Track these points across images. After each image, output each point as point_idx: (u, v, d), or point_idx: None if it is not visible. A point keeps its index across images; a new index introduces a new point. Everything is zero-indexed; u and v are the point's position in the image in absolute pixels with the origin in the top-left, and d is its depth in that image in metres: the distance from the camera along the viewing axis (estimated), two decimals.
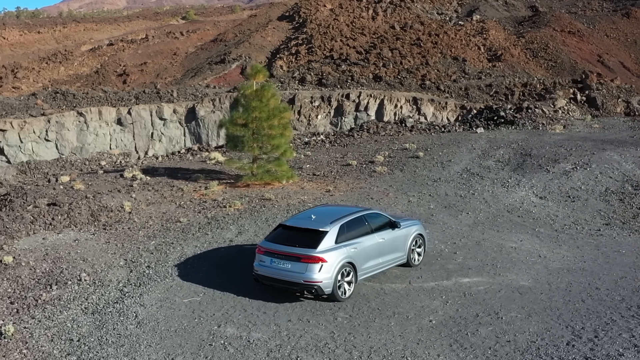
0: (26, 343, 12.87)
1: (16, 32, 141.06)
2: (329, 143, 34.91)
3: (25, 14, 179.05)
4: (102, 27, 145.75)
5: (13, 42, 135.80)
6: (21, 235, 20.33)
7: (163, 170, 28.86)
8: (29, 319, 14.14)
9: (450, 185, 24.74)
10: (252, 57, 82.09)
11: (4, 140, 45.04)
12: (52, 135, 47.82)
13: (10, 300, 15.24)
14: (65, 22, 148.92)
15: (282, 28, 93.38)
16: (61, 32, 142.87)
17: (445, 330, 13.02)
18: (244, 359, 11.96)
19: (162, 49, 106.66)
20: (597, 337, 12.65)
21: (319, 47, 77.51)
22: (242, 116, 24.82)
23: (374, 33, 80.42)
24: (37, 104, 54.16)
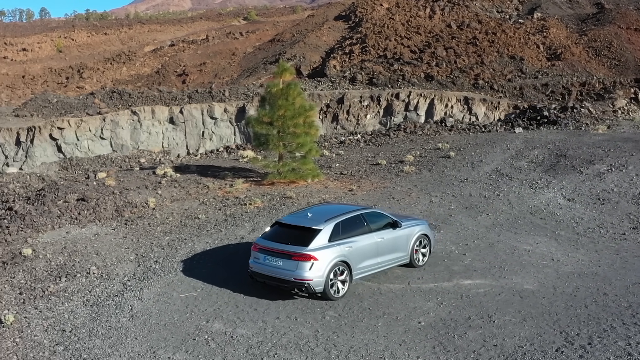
0: (21, 332, 13.33)
1: (84, 34, 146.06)
2: (364, 142, 34.78)
3: (94, 16, 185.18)
4: (165, 29, 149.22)
5: (81, 43, 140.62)
6: (47, 229, 21.05)
7: (195, 167, 29.35)
8: (32, 309, 14.63)
9: (476, 185, 24.26)
10: (307, 57, 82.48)
11: (62, 138, 46.58)
12: (107, 134, 49.18)
13: (19, 291, 15.81)
14: (131, 24, 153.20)
15: (338, 28, 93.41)
16: (126, 34, 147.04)
17: (432, 332, 12.80)
18: (223, 354, 12.06)
19: (221, 50, 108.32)
20: (591, 344, 12.19)
21: (372, 47, 77.26)
22: (267, 114, 25.01)
23: (430, 32, 79.65)
24: (94, 103, 55.92)
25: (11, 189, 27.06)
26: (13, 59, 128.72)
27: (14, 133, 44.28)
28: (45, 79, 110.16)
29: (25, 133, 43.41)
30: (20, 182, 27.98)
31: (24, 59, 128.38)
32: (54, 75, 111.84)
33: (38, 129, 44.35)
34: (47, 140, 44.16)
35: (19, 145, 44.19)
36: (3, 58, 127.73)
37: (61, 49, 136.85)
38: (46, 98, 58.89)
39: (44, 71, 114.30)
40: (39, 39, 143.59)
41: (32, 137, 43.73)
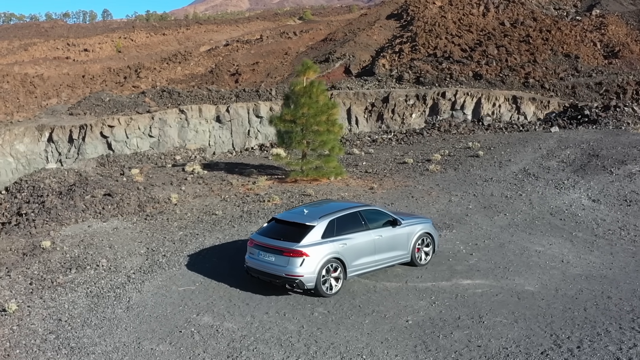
0: (21, 320, 13.82)
1: (143, 35, 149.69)
2: (396, 141, 34.57)
3: (154, 17, 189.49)
4: (221, 29, 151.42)
5: (139, 43, 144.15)
6: (70, 222, 21.73)
7: (223, 165, 29.76)
8: (37, 298, 15.14)
9: (500, 185, 23.83)
10: (356, 56, 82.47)
11: (112, 135, 47.86)
12: (155, 132, 50.26)
13: (30, 281, 16.38)
14: (189, 25, 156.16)
15: (389, 26, 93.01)
16: (183, 34, 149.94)
17: (417, 331, 12.67)
18: (205, 347, 12.24)
19: (275, 49, 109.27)
20: (580, 347, 11.87)
21: (422, 45, 76.63)
22: (290, 112, 25.14)
23: (482, 30, 78.46)
24: (145, 101, 57.27)
25: (47, 183, 28.03)
26: (75, 59, 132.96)
27: (67, 131, 45.69)
28: (104, 78, 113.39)
29: (77, 131, 44.73)
30: (56, 178, 28.96)
31: (85, 59, 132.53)
32: (113, 75, 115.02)
33: (90, 126, 45.62)
34: (98, 137, 45.38)
35: (71, 143, 45.59)
36: (65, 58, 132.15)
37: (120, 50, 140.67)
38: (99, 97, 60.66)
39: (103, 71, 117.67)
40: (100, 39, 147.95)
41: (84, 134, 45.02)
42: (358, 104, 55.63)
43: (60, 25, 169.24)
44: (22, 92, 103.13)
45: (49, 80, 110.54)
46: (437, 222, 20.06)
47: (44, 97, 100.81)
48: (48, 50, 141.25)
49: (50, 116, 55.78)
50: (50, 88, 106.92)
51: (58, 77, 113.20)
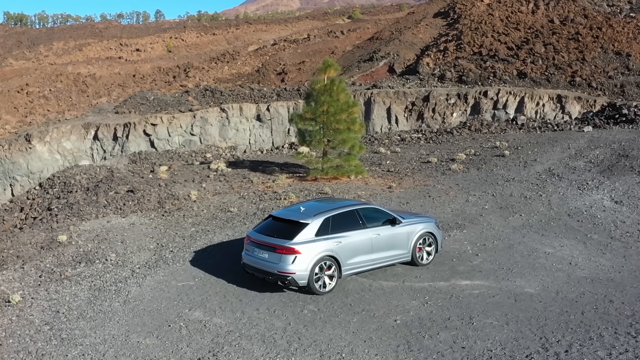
0: (21, 311, 14.24)
1: (194, 35, 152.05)
2: (425, 140, 34.23)
3: (205, 17, 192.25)
4: (270, 28, 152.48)
5: (190, 43, 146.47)
6: (91, 217, 22.28)
7: (249, 163, 30.02)
8: (43, 291, 15.58)
9: (521, 185, 23.37)
10: (401, 55, 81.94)
11: (154, 133, 48.81)
12: (197, 130, 50.96)
13: (40, 274, 16.87)
14: (238, 24, 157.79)
15: (436, 25, 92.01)
16: (233, 34, 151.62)
17: (403, 331, 12.55)
18: (189, 341, 12.39)
19: (321, 48, 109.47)
20: (568, 351, 11.56)
21: (467, 44, 75.64)
22: (310, 110, 25.19)
23: (530, 28, 76.95)
24: (188, 100, 58.17)
25: (77, 180, 28.79)
26: (127, 59, 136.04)
27: (111, 129, 46.73)
28: (154, 77, 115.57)
29: (121, 129, 45.68)
30: (87, 174, 29.69)
31: (136, 59, 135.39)
32: (162, 74, 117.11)
33: (133, 125, 46.56)
34: (141, 135, 46.28)
35: (115, 141, 46.62)
36: (118, 58, 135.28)
37: (171, 49, 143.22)
38: (144, 96, 61.89)
39: (153, 70, 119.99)
40: (152, 39, 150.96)
41: (127, 132, 45.97)
42: (398, 103, 55.26)
43: (114, 26, 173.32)
44: (75, 91, 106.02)
45: (100, 80, 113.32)
46: (449, 221, 19.85)
47: (95, 96, 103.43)
48: (101, 50, 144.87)
49: (97, 114, 57.24)
50: (102, 87, 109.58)
51: (109, 76, 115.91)
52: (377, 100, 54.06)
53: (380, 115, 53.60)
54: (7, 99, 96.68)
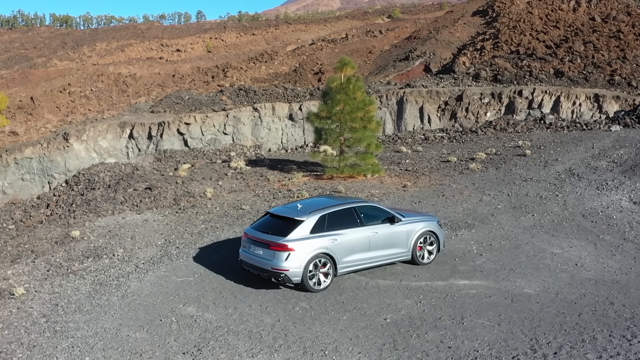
0: (22, 304, 14.59)
1: (233, 35, 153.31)
2: (448, 139, 33.87)
3: (246, 17, 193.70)
4: (309, 28, 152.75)
5: (229, 43, 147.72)
6: (107, 214, 22.68)
7: (268, 161, 30.15)
8: (47, 284, 15.92)
9: (538, 185, 22.94)
10: (437, 54, 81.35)
11: (188, 132, 49.44)
12: (230, 129, 51.42)
13: (48, 268, 17.25)
14: (278, 24, 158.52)
15: (474, 23, 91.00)
16: (272, 34, 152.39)
17: (392, 330, 12.45)
18: (177, 335, 12.51)
19: (359, 48, 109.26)
20: (557, 353, 11.33)
21: (505, 42, 74.68)
22: (326, 109, 25.16)
23: (570, 26, 75.55)
24: (222, 99, 58.73)
25: (101, 177, 29.33)
26: (167, 59, 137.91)
27: (146, 128, 47.44)
28: (193, 77, 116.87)
29: (156, 128, 46.35)
30: (111, 172, 30.23)
31: (176, 59, 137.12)
32: (201, 74, 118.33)
33: (167, 124, 47.20)
34: (175, 134, 46.90)
35: (150, 139, 47.32)
36: (159, 58, 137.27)
37: (210, 50, 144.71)
38: (179, 95, 62.69)
39: (192, 70, 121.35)
40: (192, 40, 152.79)
41: (161, 131, 46.64)
42: (431, 102, 54.84)
43: (155, 27, 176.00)
44: (115, 90, 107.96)
45: (140, 80, 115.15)
46: (459, 221, 19.62)
47: (135, 95, 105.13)
48: (143, 50, 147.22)
49: (134, 114, 58.21)
50: (142, 87, 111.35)
51: (149, 76, 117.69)
52: (409, 100, 53.69)
53: (412, 115, 53.23)
54: (50, 98, 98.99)
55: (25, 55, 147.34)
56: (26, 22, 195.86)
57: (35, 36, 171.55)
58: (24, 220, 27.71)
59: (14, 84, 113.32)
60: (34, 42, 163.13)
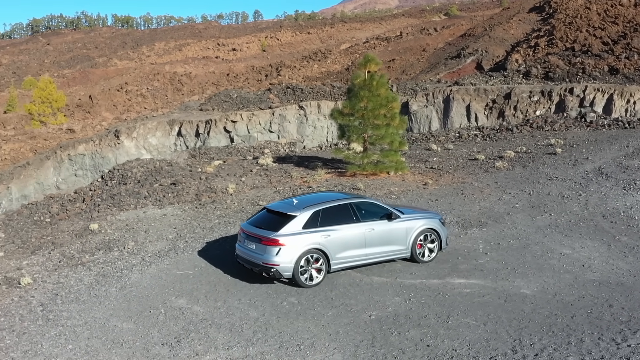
0: (26, 292, 15.06)
1: (289, 34, 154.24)
2: (481, 137, 33.23)
3: (303, 16, 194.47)
4: (365, 27, 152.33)
5: (284, 42, 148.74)
6: (129, 208, 23.17)
7: (296, 158, 30.21)
8: (55, 275, 16.39)
9: (563, 184, 22.29)
10: (489, 51, 79.87)
11: (234, 130, 50.11)
12: (275, 127, 51.81)
13: (62, 259, 17.76)
14: (333, 23, 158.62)
15: (529, 20, 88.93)
16: (327, 33, 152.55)
17: (374, 327, 12.32)
18: (162, 326, 12.68)
19: (412, 46, 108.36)
20: (537, 355, 11.00)
21: (560, 39, 72.81)
22: (349, 106, 25.06)
23: (629, 21, 73.06)
24: (269, 98, 59.25)
25: (134, 172, 29.96)
26: (223, 58, 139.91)
27: (194, 125, 48.28)
28: (247, 76, 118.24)
29: (203, 125, 47.12)
30: (143, 167, 30.82)
31: (232, 58, 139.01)
32: (255, 73, 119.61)
33: (214, 121, 47.91)
34: (222, 132, 47.57)
35: (198, 137, 48.14)
36: (215, 57, 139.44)
37: (265, 48, 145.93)
38: (228, 93, 63.51)
39: (247, 69, 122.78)
40: (248, 39, 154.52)
41: (208, 129, 47.37)
42: (478, 100, 53.89)
43: (213, 26, 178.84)
44: (170, 89, 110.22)
45: (195, 79, 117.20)
46: (472, 219, 19.27)
47: (190, 94, 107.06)
48: (200, 50, 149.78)
49: (183, 112, 59.30)
50: (196, 86, 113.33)
51: (204, 75, 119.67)
52: (455, 98, 52.92)
53: (459, 113, 52.44)
54: (108, 97, 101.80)
55: (87, 55, 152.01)
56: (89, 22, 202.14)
57: (97, 36, 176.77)
58: (59, 214, 28.55)
59: (74, 82, 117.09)
60: (96, 42, 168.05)
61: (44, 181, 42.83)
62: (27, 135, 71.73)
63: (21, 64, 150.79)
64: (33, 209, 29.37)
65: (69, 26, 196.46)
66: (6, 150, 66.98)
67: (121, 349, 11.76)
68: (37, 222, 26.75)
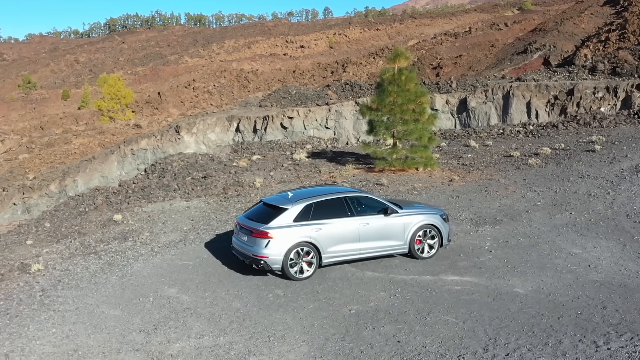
0: (33, 278, 15.67)
1: (357, 31, 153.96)
2: (524, 134, 32.28)
3: (373, 13, 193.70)
4: (435, 22, 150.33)
5: (352, 39, 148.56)
6: (157, 200, 23.76)
7: (331, 153, 30.19)
8: (67, 262, 16.97)
9: (593, 182, 21.44)
10: (558, 46, 77.59)
11: (291, 126, 50.61)
12: (331, 123, 52.01)
13: (77, 248, 18.41)
14: (403, 19, 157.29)
15: (602, 13, 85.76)
16: (395, 29, 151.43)
17: (350, 321, 12.23)
18: (145, 313, 12.95)
19: (481, 41, 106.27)
20: (508, 355, 10.69)
21: (632, 33, 70.10)
22: (377, 101, 24.87)
23: None
24: (327, 94, 59.43)
25: (173, 166, 30.70)
26: (291, 55, 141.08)
27: (252, 121, 49.05)
28: (313, 73, 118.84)
29: (260, 122, 47.79)
30: (183, 161, 31.53)
31: (299, 55, 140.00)
32: (320, 70, 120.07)
33: (271, 118, 48.51)
34: (279, 128, 48.13)
35: (255, 133, 48.88)
36: (283, 55, 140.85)
37: (332, 45, 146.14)
38: (287, 90, 64.07)
39: (313, 66, 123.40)
40: (316, 36, 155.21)
41: (265, 125, 48.01)
42: (539, 97, 52.39)
43: (282, 24, 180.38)
44: (237, 86, 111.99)
45: (262, 76, 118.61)
46: (488, 217, 18.83)
47: (256, 90, 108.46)
48: (268, 47, 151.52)
49: (243, 108, 60.21)
50: (262, 82, 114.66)
51: (271, 72, 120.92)
52: (515, 94, 51.64)
53: (518, 109, 51.16)
54: (175, 93, 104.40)
55: (160, 52, 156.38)
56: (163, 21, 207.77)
57: (169, 35, 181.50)
58: (103, 205, 29.59)
59: (145, 80, 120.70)
60: (168, 40, 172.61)
61: (108, 174, 44.41)
62: (96, 130, 74.52)
63: (97, 61, 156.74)
64: (79, 201, 30.50)
65: (144, 25, 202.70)
66: (76, 144, 69.79)
67: (100, 335, 12.10)
68: (82, 213, 27.81)
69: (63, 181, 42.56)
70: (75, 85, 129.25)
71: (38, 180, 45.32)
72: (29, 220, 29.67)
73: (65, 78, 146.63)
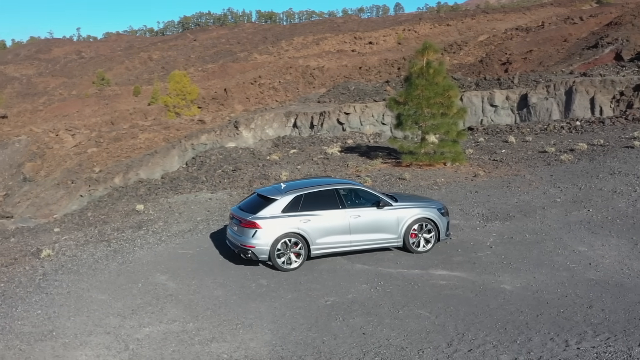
0: (40, 263, 16.30)
1: (427, 26, 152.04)
2: (567, 130, 31.13)
3: (445, 8, 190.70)
4: (507, 17, 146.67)
5: (421, 35, 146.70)
6: (184, 192, 24.27)
7: (365, 147, 30.00)
8: (77, 249, 17.55)
9: (623, 179, 20.51)
10: (631, 40, 74.44)
11: (347, 122, 50.77)
12: (388, 119, 51.84)
13: (92, 235, 19.02)
14: (474, 14, 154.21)
15: None
16: (466, 24, 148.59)
17: (323, 312, 12.19)
18: (128, 299, 13.27)
19: (553, 36, 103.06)
20: (471, 350, 10.45)
21: None
22: (404, 94, 24.55)
23: None
24: (386, 90, 59.18)
25: (212, 159, 31.25)
26: (359, 51, 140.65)
27: (309, 117, 49.47)
28: (379, 69, 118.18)
29: (317, 117, 48.13)
30: (222, 155, 32.03)
31: (367, 51, 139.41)
32: (387, 66, 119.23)
33: (328, 113, 48.77)
34: (335, 124, 48.37)
35: (312, 128, 49.29)
36: (351, 51, 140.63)
37: (400, 41, 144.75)
38: (346, 86, 64.11)
39: (380, 62, 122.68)
40: (385, 32, 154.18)
41: (322, 121, 48.34)
42: (604, 92, 50.53)
43: (352, 20, 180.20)
44: (302, 82, 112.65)
45: (327, 72, 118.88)
46: (501, 212, 18.36)
47: (321, 87, 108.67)
48: (336, 43, 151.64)
49: (302, 104, 60.70)
50: (328, 79, 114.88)
51: (336, 68, 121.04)
52: (579, 90, 50.04)
53: (581, 106, 49.52)
54: (242, 90, 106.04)
55: (230, 50, 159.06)
56: (234, 19, 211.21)
57: (240, 32, 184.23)
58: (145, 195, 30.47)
59: (213, 76, 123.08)
60: (238, 37, 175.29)
61: (169, 168, 45.67)
62: (161, 125, 76.57)
63: (170, 59, 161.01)
64: (122, 192, 31.49)
65: (216, 23, 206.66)
66: (142, 139, 71.91)
67: (79, 317, 12.48)
68: (115, 203, 28.74)
69: (127, 174, 43.95)
70: (147, 82, 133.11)
71: (103, 173, 46.99)
72: (75, 210, 30.86)
73: (139, 75, 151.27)
